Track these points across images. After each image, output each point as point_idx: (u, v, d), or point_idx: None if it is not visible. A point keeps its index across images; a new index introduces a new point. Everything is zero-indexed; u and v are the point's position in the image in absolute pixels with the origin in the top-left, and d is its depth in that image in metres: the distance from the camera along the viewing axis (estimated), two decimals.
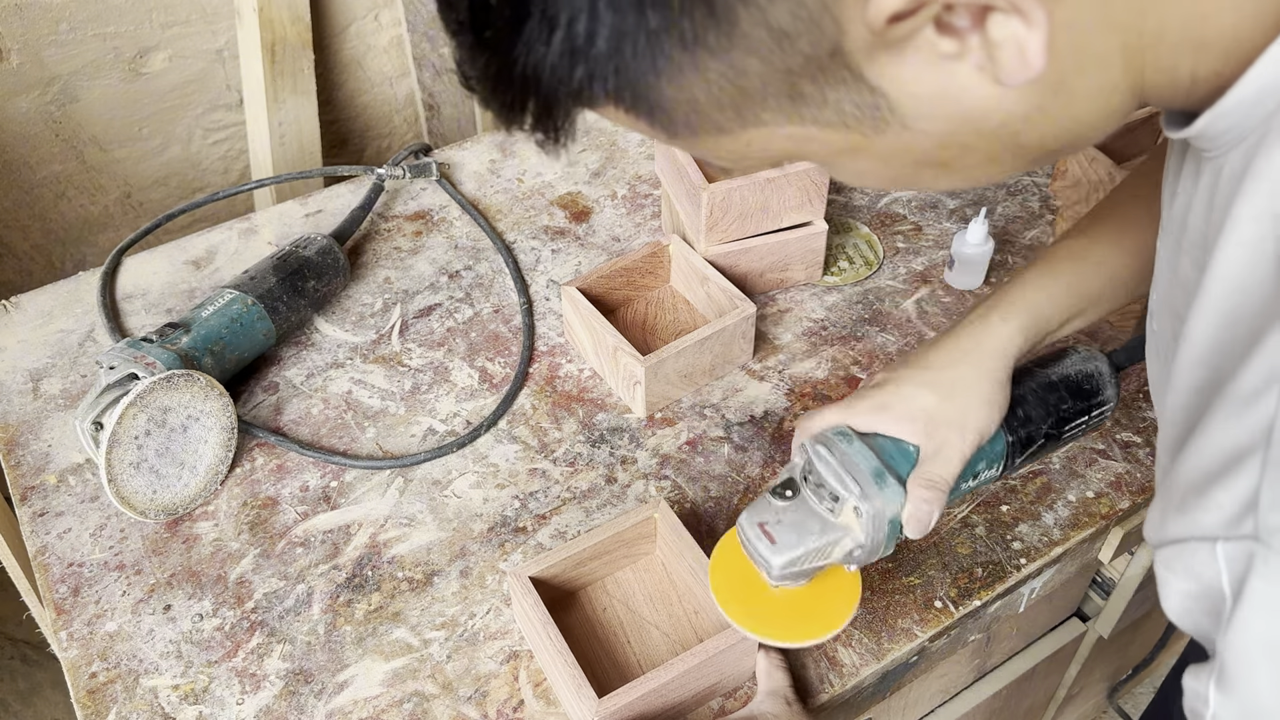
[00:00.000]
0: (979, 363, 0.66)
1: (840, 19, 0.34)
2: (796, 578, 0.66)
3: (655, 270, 1.00)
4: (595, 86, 0.36)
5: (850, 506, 0.63)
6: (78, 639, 0.78)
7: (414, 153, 1.17)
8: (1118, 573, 0.99)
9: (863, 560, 0.66)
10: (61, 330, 1.00)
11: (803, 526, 0.64)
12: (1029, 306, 0.68)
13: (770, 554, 0.64)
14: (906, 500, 0.64)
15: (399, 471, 0.88)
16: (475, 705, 0.74)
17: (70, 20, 1.30)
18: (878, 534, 0.64)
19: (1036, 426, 0.69)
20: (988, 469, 0.69)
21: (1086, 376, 0.71)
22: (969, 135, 0.39)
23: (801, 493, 0.66)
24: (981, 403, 0.65)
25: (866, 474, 0.64)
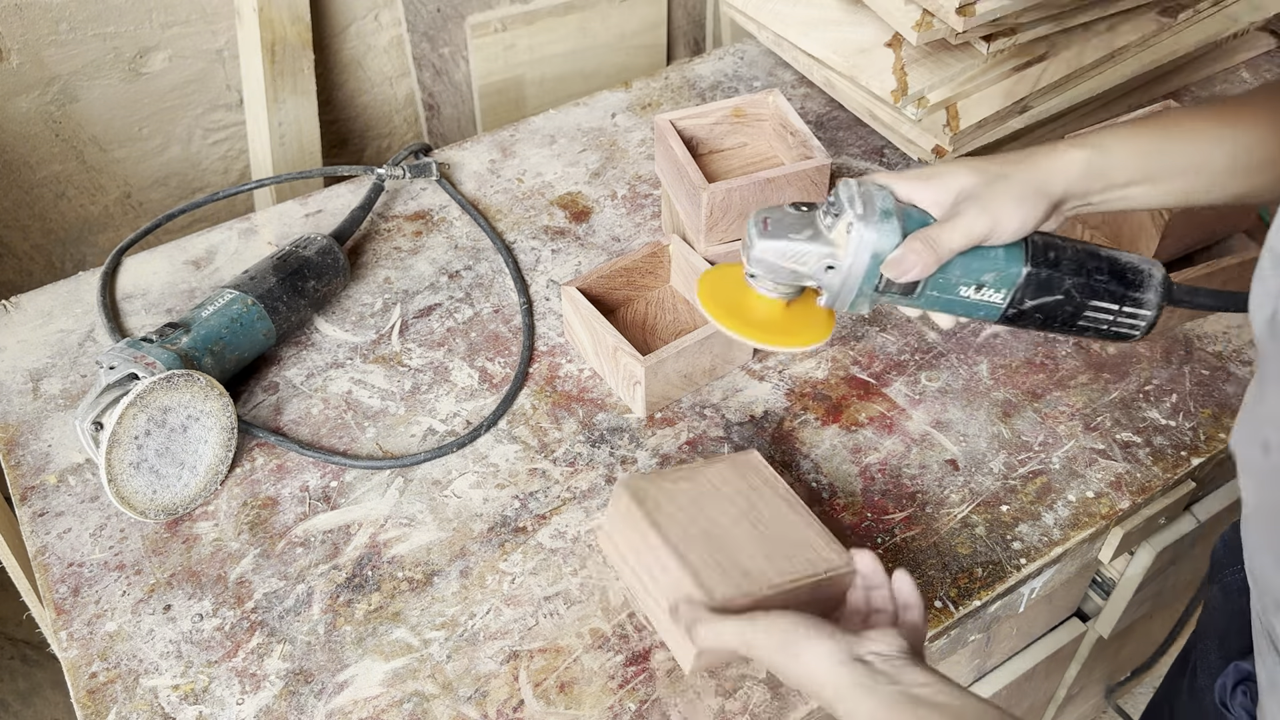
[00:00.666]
0: (1030, 168, 0.66)
1: None
2: (771, 273, 0.68)
3: (655, 270, 1.00)
4: None
5: (845, 223, 0.65)
6: (78, 639, 0.78)
7: (414, 153, 1.17)
8: (1117, 573, 0.99)
9: (835, 287, 0.67)
10: (61, 330, 1.00)
11: (796, 227, 0.67)
12: (1101, 144, 0.67)
13: (758, 237, 0.67)
14: (901, 245, 0.65)
15: (399, 471, 0.88)
16: (475, 705, 0.74)
17: (70, 20, 1.30)
18: (858, 261, 0.65)
19: (1060, 278, 0.67)
20: (994, 287, 0.68)
21: (1134, 269, 0.69)
22: None
23: (816, 210, 0.68)
24: (1013, 198, 0.65)
25: (876, 206, 0.65)
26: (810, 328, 0.72)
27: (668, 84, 1.29)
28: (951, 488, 0.86)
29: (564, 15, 1.62)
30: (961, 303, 0.68)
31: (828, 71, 1.16)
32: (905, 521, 0.84)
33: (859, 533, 0.83)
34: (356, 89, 1.59)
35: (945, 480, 0.87)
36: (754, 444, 0.89)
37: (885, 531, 0.83)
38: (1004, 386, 0.94)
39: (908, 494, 0.86)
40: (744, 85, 1.28)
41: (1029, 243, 0.67)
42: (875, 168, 1.16)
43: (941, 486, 0.86)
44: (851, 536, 0.83)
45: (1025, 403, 0.93)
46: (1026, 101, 1.09)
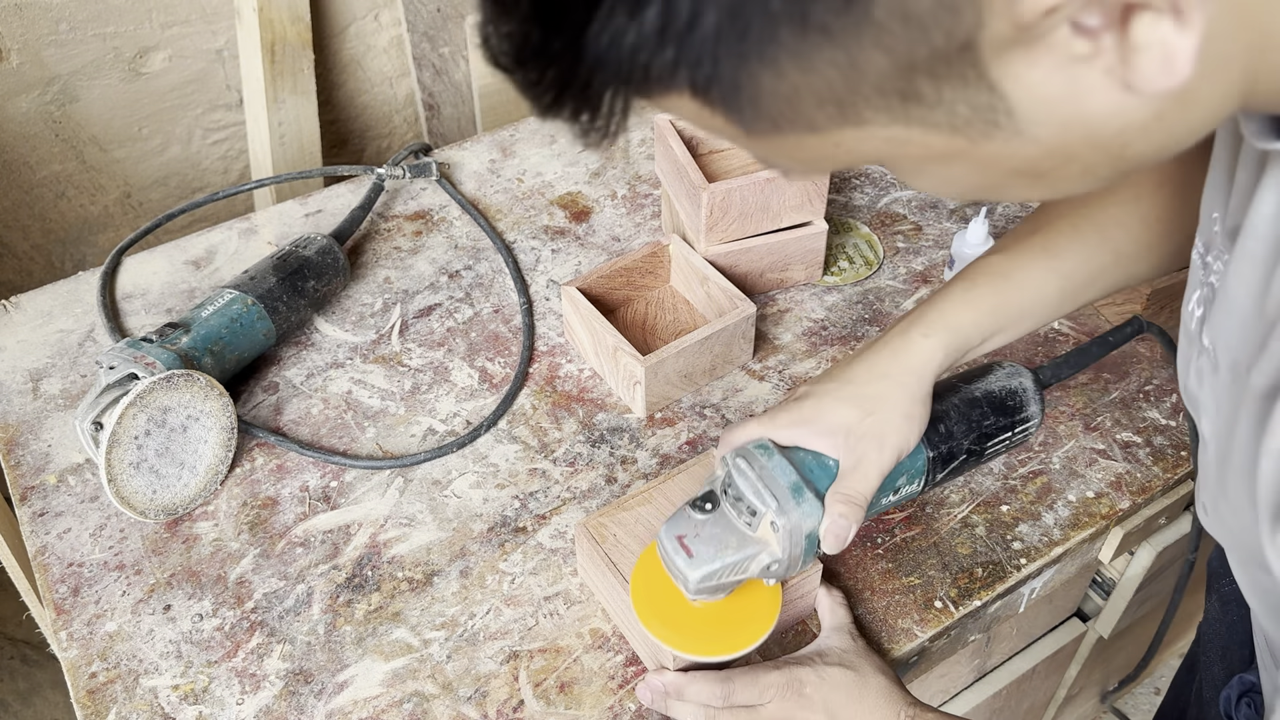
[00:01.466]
0: (899, 379, 0.66)
1: (983, 9, 0.31)
2: (714, 591, 0.66)
3: (655, 270, 1.00)
4: (681, 74, 0.32)
5: (767, 521, 0.63)
6: (77, 639, 0.78)
7: (414, 152, 1.17)
8: (1118, 573, 0.99)
9: (780, 574, 0.66)
10: (61, 330, 1.00)
11: (720, 540, 0.64)
12: (950, 323, 0.68)
13: (687, 568, 0.64)
14: (824, 515, 0.64)
15: (399, 471, 0.88)
16: (475, 705, 0.74)
17: (70, 20, 1.30)
18: (794, 549, 0.64)
19: (958, 442, 0.69)
20: (908, 484, 0.69)
21: (1010, 393, 0.71)
22: (1079, 144, 0.36)
23: (720, 506, 0.65)
24: (901, 419, 0.66)
25: (784, 488, 0.63)
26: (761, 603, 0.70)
27: None
28: (951, 488, 0.86)
29: None
30: (884, 507, 0.71)
31: None
32: (905, 521, 0.84)
33: (859, 532, 0.83)
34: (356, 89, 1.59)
35: None
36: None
37: (885, 531, 0.83)
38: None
39: None
40: None
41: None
42: (875, 168, 1.16)
43: (941, 486, 0.86)
44: None
45: None
46: None
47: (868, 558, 0.82)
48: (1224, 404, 0.50)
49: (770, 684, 0.68)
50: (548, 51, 0.32)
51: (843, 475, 0.65)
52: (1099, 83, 0.33)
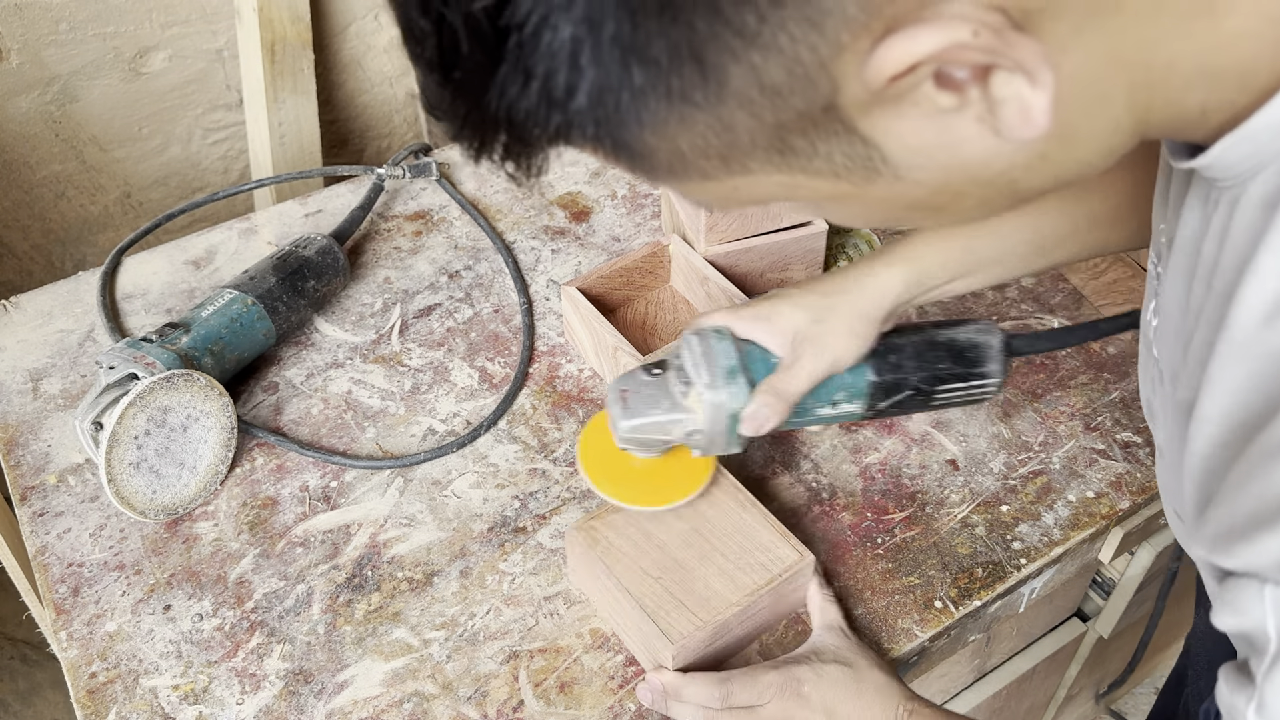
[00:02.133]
0: (853, 297, 0.71)
1: (836, 76, 0.33)
2: (641, 446, 0.72)
3: (655, 270, 1.00)
4: (574, 134, 0.35)
5: (696, 392, 0.69)
6: (77, 639, 0.78)
7: (414, 152, 1.17)
8: (1118, 573, 0.99)
9: (704, 446, 0.71)
10: (61, 330, 1.00)
11: (654, 400, 0.70)
12: (915, 257, 0.71)
13: (620, 416, 0.71)
14: (750, 400, 0.69)
15: (399, 471, 0.88)
16: (475, 705, 0.74)
17: (70, 20, 1.30)
18: (716, 424, 0.69)
19: (906, 376, 0.72)
20: (847, 401, 0.72)
21: (973, 345, 0.73)
22: (964, 184, 0.38)
23: (666, 373, 0.71)
24: (845, 331, 0.70)
25: (721, 368, 0.69)
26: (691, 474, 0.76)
27: None
28: (951, 488, 0.86)
29: None
30: (822, 418, 0.73)
31: None
32: (905, 521, 0.84)
33: (859, 533, 0.83)
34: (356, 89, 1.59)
35: (945, 480, 0.87)
36: (754, 443, 0.89)
37: (885, 531, 0.83)
38: (1004, 386, 0.94)
39: (908, 494, 0.86)
40: None
41: (873, 353, 0.72)
42: None
43: (941, 486, 0.86)
44: (851, 536, 0.83)
45: (1025, 402, 0.92)
46: None
47: (868, 558, 0.82)
48: (1170, 414, 0.51)
49: (769, 684, 0.69)
50: (457, 112, 0.36)
51: (778, 370, 0.70)
52: (971, 130, 0.35)
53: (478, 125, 0.36)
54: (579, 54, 0.32)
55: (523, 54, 0.32)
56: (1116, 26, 0.34)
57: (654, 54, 0.32)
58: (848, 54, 0.33)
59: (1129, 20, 0.35)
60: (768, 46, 0.32)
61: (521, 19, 0.32)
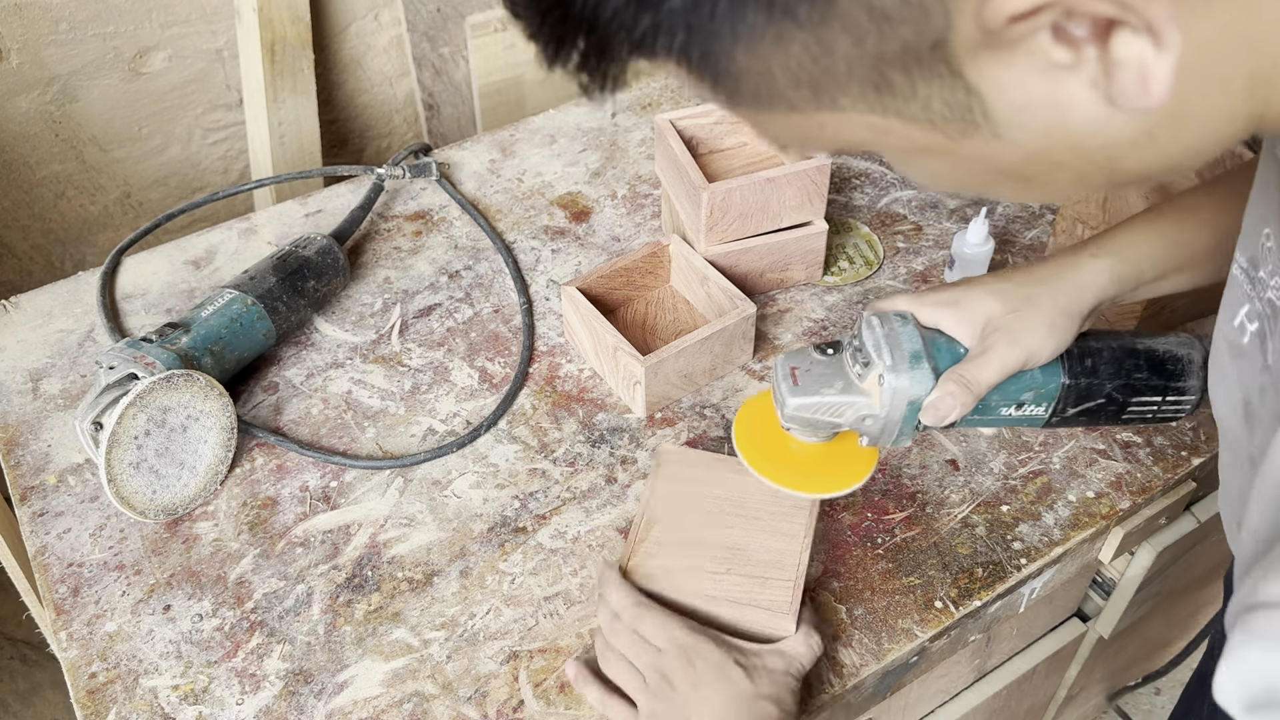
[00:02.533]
0: (1055, 288, 0.65)
1: (951, 9, 0.31)
2: (806, 427, 0.67)
3: (655, 270, 1.00)
4: (660, 40, 0.33)
5: (876, 374, 0.64)
6: (77, 639, 0.78)
7: (414, 152, 1.17)
8: (1118, 573, 0.99)
9: (875, 434, 0.66)
10: (61, 330, 1.00)
11: (827, 379, 0.66)
12: (1123, 249, 0.66)
13: (789, 394, 0.66)
14: (935, 388, 0.64)
15: (399, 471, 0.88)
16: (475, 705, 0.74)
17: (70, 20, 1.30)
18: (894, 410, 0.64)
19: (1100, 383, 0.67)
20: (1034, 404, 0.67)
21: (1174, 358, 0.68)
22: (1064, 153, 0.36)
23: (842, 354, 0.67)
24: (1043, 324, 0.64)
25: (905, 352, 0.64)
26: (853, 464, 0.71)
27: (668, 84, 1.29)
28: (952, 488, 0.86)
29: None
30: (1004, 420, 0.68)
31: None
32: (905, 521, 0.84)
33: (859, 533, 0.83)
34: (356, 89, 1.59)
35: (945, 480, 0.87)
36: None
37: (885, 531, 0.83)
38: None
39: (908, 494, 0.86)
40: None
41: (1065, 354, 0.67)
42: (875, 168, 1.16)
43: (942, 486, 0.86)
44: (851, 536, 0.83)
45: None
46: None
47: (868, 558, 0.82)
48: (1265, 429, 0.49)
49: (674, 638, 0.67)
50: (541, 6, 0.33)
51: (966, 360, 0.65)
52: (1082, 94, 0.33)
53: (560, 23, 0.33)
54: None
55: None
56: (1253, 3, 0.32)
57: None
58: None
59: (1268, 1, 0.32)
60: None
61: None
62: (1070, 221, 1.01)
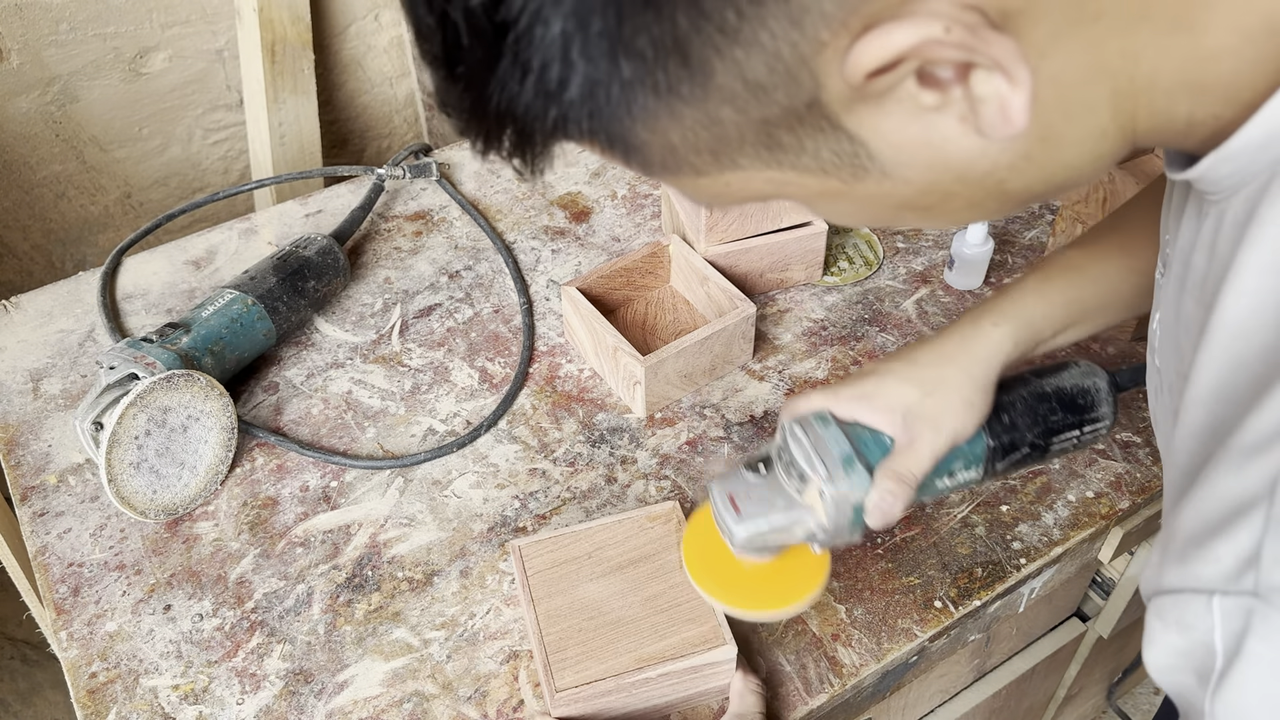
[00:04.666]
0: (964, 365, 0.67)
1: (817, 73, 0.34)
2: (760, 551, 0.67)
3: (655, 270, 1.00)
4: (570, 127, 0.36)
5: (815, 488, 0.64)
6: (78, 639, 0.78)
7: (414, 153, 1.17)
8: (1117, 572, 0.99)
9: (826, 543, 0.67)
10: (61, 330, 1.00)
11: (769, 502, 0.65)
12: (1021, 314, 0.68)
13: (735, 524, 0.65)
14: (872, 489, 0.64)
15: (399, 471, 0.88)
16: (475, 705, 0.74)
17: (70, 20, 1.30)
18: (840, 518, 0.65)
19: (1021, 434, 0.69)
20: (965, 470, 0.69)
21: (1082, 391, 0.71)
22: (952, 183, 0.38)
23: (774, 470, 0.67)
24: (961, 404, 0.66)
25: (836, 458, 0.64)
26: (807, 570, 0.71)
27: None
28: None
29: None
30: (941, 490, 0.69)
31: None
32: (905, 522, 0.84)
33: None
34: (357, 89, 1.59)
35: None
36: (754, 444, 0.89)
37: (885, 532, 0.83)
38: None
39: None
40: None
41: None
42: None
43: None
44: None
45: None
46: None
47: (867, 558, 0.82)
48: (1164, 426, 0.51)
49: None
50: (463, 106, 0.37)
51: (895, 453, 0.65)
52: (955, 129, 0.36)
53: (482, 120, 0.36)
54: (570, 47, 0.33)
55: (519, 49, 0.33)
56: (1096, 35, 0.35)
57: (640, 48, 0.33)
58: (828, 51, 0.33)
59: (1108, 30, 0.35)
60: (749, 43, 0.33)
61: (515, 14, 0.32)
62: (1070, 222, 1.01)
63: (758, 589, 0.69)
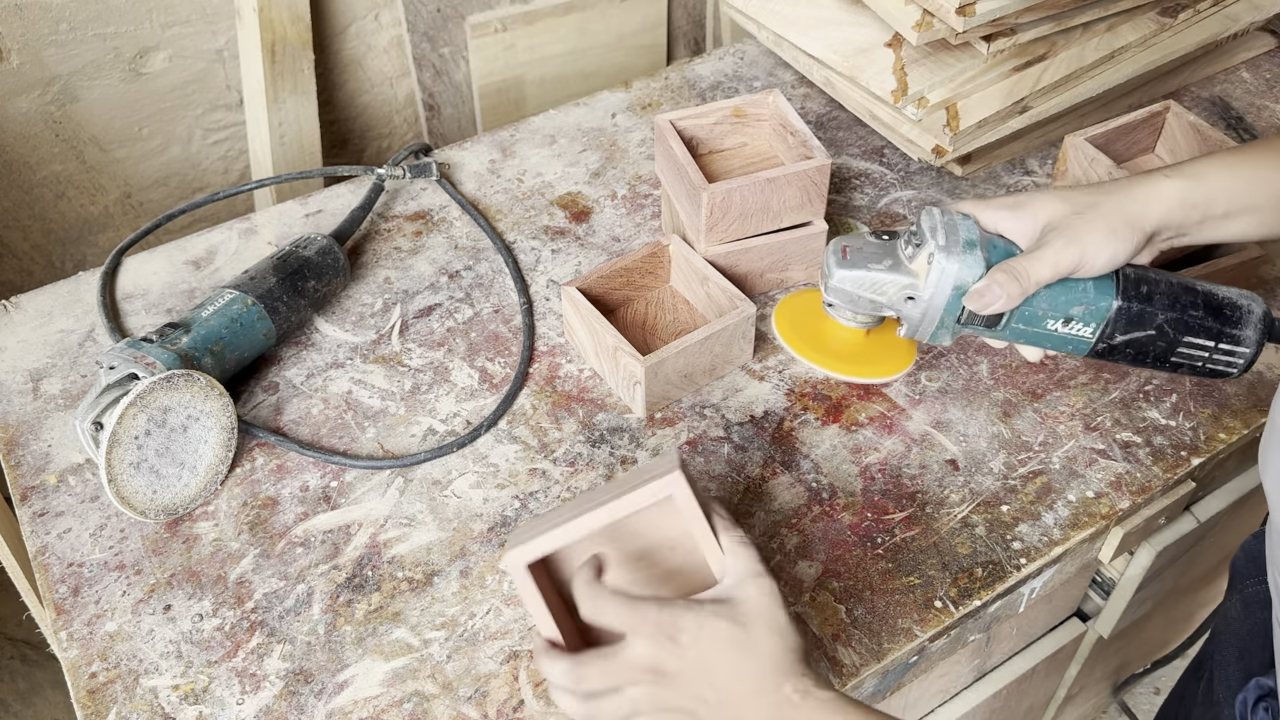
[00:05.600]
0: (1122, 198, 0.64)
1: None
2: (849, 304, 0.67)
3: (655, 270, 1.00)
4: None
5: (927, 253, 0.63)
6: (77, 639, 0.78)
7: (414, 153, 1.17)
8: (1118, 572, 0.99)
9: (915, 319, 0.65)
10: (61, 330, 1.00)
11: (876, 257, 0.66)
12: (1197, 173, 0.64)
13: (836, 265, 0.66)
14: (984, 277, 0.63)
15: (399, 471, 0.88)
16: (475, 705, 0.74)
17: (70, 20, 1.30)
18: (939, 293, 0.63)
19: (1154, 312, 0.64)
20: (1083, 321, 0.65)
21: (1233, 305, 0.66)
22: None
23: (897, 240, 0.67)
24: (1104, 227, 0.63)
25: (959, 236, 0.63)
26: (889, 358, 0.70)
27: (668, 84, 1.29)
28: (951, 488, 0.86)
29: (564, 15, 1.62)
30: (1049, 336, 0.66)
31: (828, 71, 1.16)
32: (905, 521, 0.84)
33: (859, 533, 0.83)
34: (356, 89, 1.59)
35: (945, 480, 0.87)
36: (754, 444, 0.89)
37: (885, 531, 0.83)
38: (1004, 386, 0.94)
39: (908, 494, 0.86)
40: (744, 85, 1.28)
41: (1120, 275, 0.65)
42: (875, 168, 1.16)
43: (942, 486, 0.86)
44: (851, 536, 0.83)
45: (1025, 402, 0.92)
46: (1026, 101, 1.09)
47: (868, 558, 0.82)
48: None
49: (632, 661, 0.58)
50: None
51: (1020, 255, 0.63)
52: None
53: None
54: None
55: None
56: None
57: None
58: None
59: None
60: None
61: None
62: None
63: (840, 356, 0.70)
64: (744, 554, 0.62)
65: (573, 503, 0.68)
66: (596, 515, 0.63)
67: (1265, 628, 0.75)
